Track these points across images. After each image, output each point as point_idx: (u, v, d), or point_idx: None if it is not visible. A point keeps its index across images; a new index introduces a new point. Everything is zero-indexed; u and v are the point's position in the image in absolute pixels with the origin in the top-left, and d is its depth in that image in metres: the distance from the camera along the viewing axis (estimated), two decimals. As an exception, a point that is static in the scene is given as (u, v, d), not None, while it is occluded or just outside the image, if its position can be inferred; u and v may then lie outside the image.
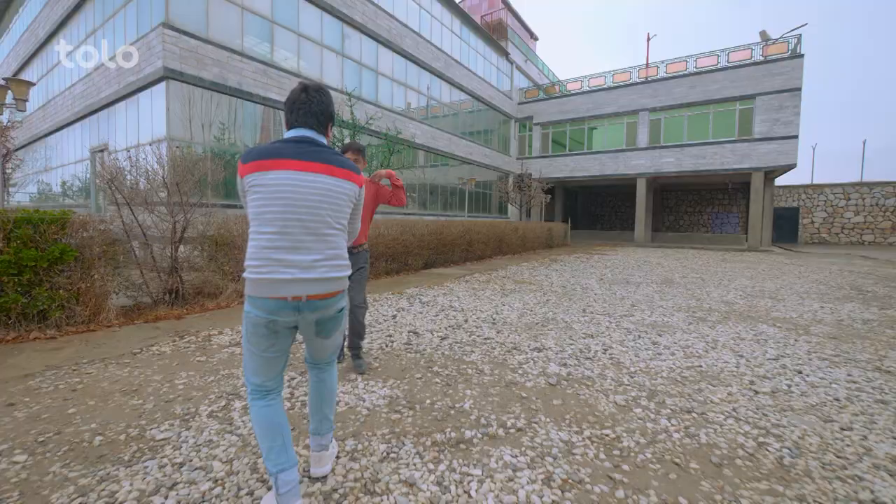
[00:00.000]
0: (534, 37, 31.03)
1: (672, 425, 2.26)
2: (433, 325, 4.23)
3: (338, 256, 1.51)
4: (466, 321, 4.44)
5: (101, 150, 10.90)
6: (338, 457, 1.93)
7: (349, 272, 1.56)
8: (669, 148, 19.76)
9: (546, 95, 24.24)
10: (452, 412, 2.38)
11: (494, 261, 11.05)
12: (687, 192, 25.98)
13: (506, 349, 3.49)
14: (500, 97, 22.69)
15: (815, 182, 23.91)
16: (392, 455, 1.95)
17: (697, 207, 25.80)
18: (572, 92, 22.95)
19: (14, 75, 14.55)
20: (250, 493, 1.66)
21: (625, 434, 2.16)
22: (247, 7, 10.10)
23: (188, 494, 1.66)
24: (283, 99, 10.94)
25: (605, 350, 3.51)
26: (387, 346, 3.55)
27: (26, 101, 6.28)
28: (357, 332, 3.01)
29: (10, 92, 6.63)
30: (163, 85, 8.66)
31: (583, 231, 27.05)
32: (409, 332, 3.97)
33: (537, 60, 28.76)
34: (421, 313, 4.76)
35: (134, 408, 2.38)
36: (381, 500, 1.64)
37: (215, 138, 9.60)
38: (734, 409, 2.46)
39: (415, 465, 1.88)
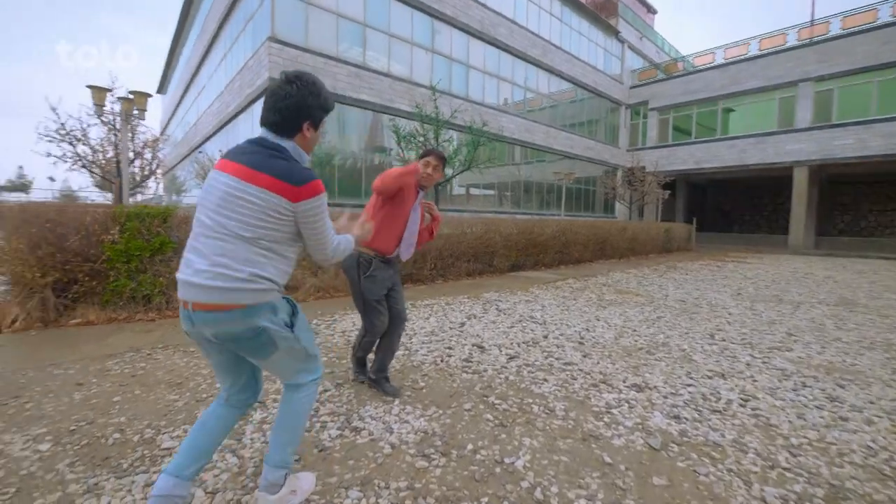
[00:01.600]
0: (651, 10, 27.54)
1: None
2: (504, 340, 3.59)
3: (229, 266, 1.25)
4: (546, 337, 3.70)
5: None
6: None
7: (252, 288, 1.27)
8: (847, 126, 15.36)
9: (665, 75, 21.19)
10: (499, 470, 1.76)
11: (595, 265, 9.78)
12: (872, 185, 19.87)
13: (591, 382, 2.70)
14: (607, 82, 20.48)
15: None
16: (399, 527, 1.43)
17: (890, 205, 19.61)
18: (701, 67, 19.60)
19: (179, 101, 17.81)
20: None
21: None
22: (342, 14, 10.59)
23: (151, 534, 1.37)
24: (375, 100, 11.38)
25: (746, 401, 2.47)
26: (441, 360, 3.04)
27: (145, 110, 7.33)
28: (391, 349, 2.53)
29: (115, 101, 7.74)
30: None
31: (712, 234, 22.96)
32: (473, 345, 3.41)
33: (655, 36, 25.33)
34: (494, 323, 4.15)
35: (167, 404, 2.28)
36: None
37: (318, 143, 10.25)
38: None
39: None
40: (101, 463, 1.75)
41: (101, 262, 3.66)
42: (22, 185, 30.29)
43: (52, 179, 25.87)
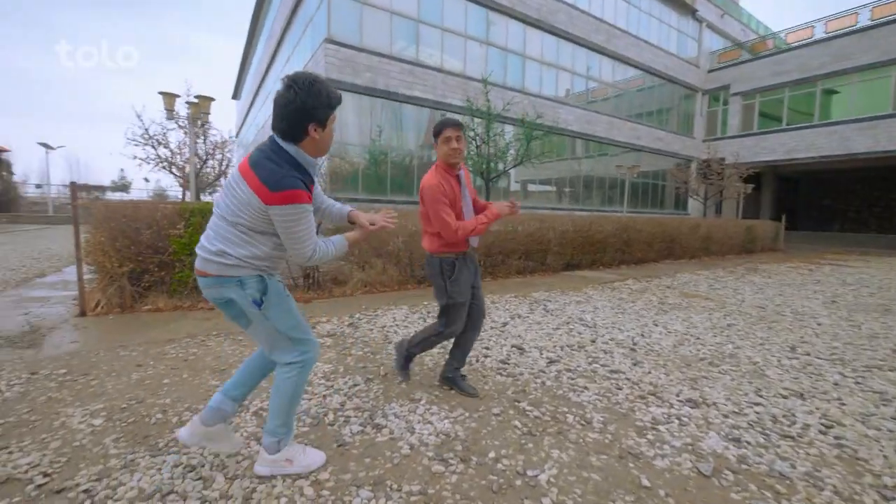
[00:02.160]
0: (737, -16, 24.75)
1: None
2: (547, 342, 3.38)
3: (209, 240, 1.49)
4: (594, 341, 3.42)
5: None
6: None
7: (217, 261, 1.46)
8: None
9: (751, 55, 18.99)
10: (519, 483, 1.61)
11: (660, 266, 9.01)
12: None
13: (638, 393, 2.43)
14: (680, 66, 18.77)
15: None
16: (403, 535, 1.35)
17: None
18: (795, 44, 17.29)
19: (250, 105, 19.30)
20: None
21: None
22: (395, 11, 10.72)
23: (168, 513, 1.43)
24: (428, 96, 11.41)
25: (828, 427, 2.06)
26: (477, 360, 2.92)
27: (208, 114, 7.96)
28: (469, 346, 2.45)
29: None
30: None
31: (806, 232, 20.24)
32: (512, 346, 3.24)
33: (740, 13, 22.75)
34: (539, 324, 3.93)
35: (207, 388, 2.40)
36: None
37: (372, 140, 10.53)
38: None
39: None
40: (142, 441, 1.86)
41: (168, 254, 4.01)
42: (123, 186, 34.83)
43: (146, 180, 29.47)
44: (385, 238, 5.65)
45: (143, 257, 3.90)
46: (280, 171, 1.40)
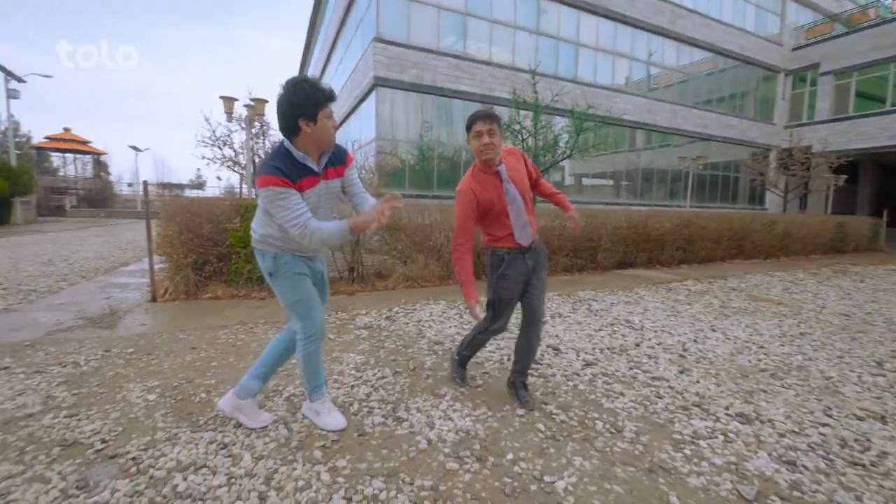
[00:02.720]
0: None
1: None
2: (585, 343, 3.21)
3: (255, 222, 1.84)
4: (638, 345, 3.20)
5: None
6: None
7: (251, 236, 1.85)
8: None
9: (847, 28, 16.66)
10: (534, 488, 1.54)
11: (727, 266, 8.23)
12: None
13: (681, 403, 2.23)
14: (758, 45, 16.87)
15: None
16: (408, 530, 1.35)
17: None
18: (907, 14, 14.91)
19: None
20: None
21: None
22: (443, 6, 10.69)
23: (199, 483, 1.55)
24: (474, 90, 11.30)
25: (912, 456, 1.76)
26: (508, 359, 2.84)
27: (263, 115, 8.43)
28: (527, 352, 2.23)
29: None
30: (374, 92, 10.14)
31: (915, 231, 17.51)
32: (548, 346, 3.12)
33: (834, -18, 20.07)
34: (580, 324, 3.75)
35: (249, 373, 2.56)
36: None
37: (421, 136, 10.64)
38: None
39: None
40: (185, 417, 2.03)
41: (225, 246, 4.34)
42: (199, 184, 38.30)
43: (219, 178, 32.19)
44: (427, 234, 5.70)
45: (204, 249, 4.26)
46: (264, 162, 1.67)
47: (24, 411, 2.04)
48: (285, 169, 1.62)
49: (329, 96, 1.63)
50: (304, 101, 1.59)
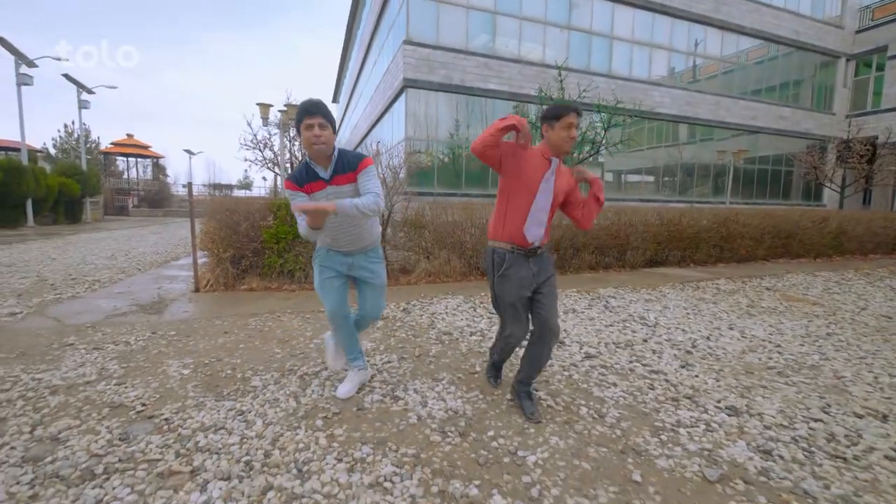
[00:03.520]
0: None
1: None
2: (592, 338, 3.26)
3: None
4: (646, 340, 3.21)
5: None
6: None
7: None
8: None
9: (926, 8, 15.10)
10: (507, 460, 1.67)
11: (769, 265, 7.80)
12: None
13: (671, 395, 2.26)
14: (814, 30, 15.67)
15: None
16: (386, 484, 1.52)
17: None
18: None
19: (346, 107, 21.00)
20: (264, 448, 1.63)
21: None
22: (472, 6, 10.78)
23: (217, 441, 1.80)
24: (503, 88, 11.31)
25: (906, 454, 1.72)
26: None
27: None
28: (535, 362, 2.09)
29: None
30: (404, 93, 10.41)
31: None
32: (551, 338, 3.19)
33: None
34: (592, 320, 3.78)
35: (271, 355, 2.84)
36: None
37: (450, 135, 10.81)
38: None
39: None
40: (212, 389, 2.32)
41: (259, 242, 4.72)
42: (247, 184, 40.50)
43: (264, 179, 33.90)
44: (450, 230, 5.86)
45: (241, 245, 4.65)
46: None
47: (84, 379, 2.40)
48: (297, 175, 2.04)
49: (304, 110, 1.92)
50: (296, 117, 1.99)
